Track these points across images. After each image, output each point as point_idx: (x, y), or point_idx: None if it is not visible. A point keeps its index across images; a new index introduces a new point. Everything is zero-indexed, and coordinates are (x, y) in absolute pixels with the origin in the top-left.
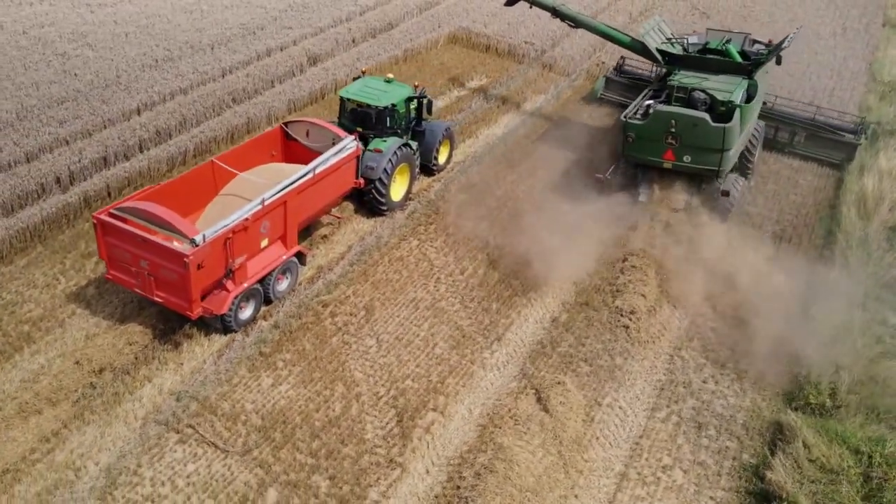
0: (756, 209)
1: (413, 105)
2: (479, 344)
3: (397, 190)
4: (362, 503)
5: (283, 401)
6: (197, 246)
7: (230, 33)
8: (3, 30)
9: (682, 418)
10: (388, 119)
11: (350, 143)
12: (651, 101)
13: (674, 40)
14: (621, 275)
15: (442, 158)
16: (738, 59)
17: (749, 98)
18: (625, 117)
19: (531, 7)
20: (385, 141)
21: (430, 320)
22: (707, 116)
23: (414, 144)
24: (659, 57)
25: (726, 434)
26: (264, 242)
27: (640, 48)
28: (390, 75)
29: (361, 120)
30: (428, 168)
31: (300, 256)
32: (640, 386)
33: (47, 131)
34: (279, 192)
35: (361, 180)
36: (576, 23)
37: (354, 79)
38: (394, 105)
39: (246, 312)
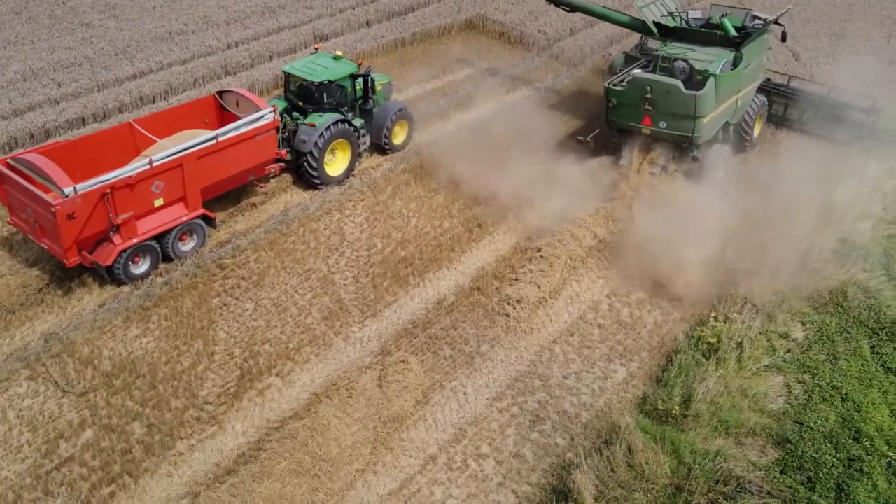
0: None
1: (360, 83)
2: (353, 317)
3: (336, 165)
4: (166, 452)
5: (139, 351)
6: (67, 197)
7: (250, 11)
8: None
9: (523, 410)
10: (325, 94)
11: (267, 115)
12: (638, 71)
13: (675, 14)
14: (528, 264)
15: (398, 139)
16: (732, 32)
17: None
18: (608, 84)
19: None
20: (321, 116)
21: (314, 291)
22: (680, 84)
23: (358, 122)
24: (654, 30)
25: (561, 431)
26: (159, 202)
27: (639, 26)
28: (339, 52)
29: (304, 95)
30: (381, 147)
31: (208, 220)
32: (495, 374)
33: (43, 92)
34: (171, 154)
35: (284, 151)
36: (571, 7)
37: (311, 54)
38: (330, 81)
39: (140, 267)
